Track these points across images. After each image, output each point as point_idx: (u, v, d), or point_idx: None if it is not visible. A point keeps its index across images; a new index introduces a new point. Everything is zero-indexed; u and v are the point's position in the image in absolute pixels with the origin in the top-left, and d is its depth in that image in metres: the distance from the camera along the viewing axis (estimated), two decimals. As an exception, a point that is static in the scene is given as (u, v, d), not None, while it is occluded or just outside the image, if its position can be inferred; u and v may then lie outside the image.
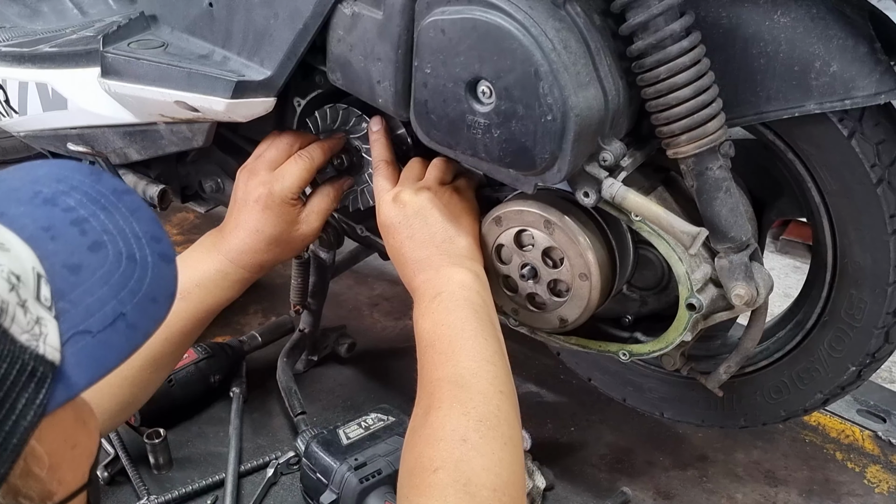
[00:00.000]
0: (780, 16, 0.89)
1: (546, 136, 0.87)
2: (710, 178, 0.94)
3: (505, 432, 0.84)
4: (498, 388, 0.88)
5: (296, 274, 1.55)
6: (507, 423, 0.86)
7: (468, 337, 0.92)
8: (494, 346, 0.93)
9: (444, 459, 0.80)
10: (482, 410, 0.84)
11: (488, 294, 1.01)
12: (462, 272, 1.00)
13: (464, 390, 0.86)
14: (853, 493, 1.36)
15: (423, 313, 0.97)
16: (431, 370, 0.91)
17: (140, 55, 1.12)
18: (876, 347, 1.06)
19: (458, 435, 0.82)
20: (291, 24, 1.02)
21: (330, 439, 1.24)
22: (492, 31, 0.85)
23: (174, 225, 2.23)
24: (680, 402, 1.30)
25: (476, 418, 0.83)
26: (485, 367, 0.89)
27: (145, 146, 1.30)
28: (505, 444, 0.83)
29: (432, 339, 0.94)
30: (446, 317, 0.95)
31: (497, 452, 0.82)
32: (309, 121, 1.17)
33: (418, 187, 1.06)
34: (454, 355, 0.91)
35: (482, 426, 0.83)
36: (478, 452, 0.81)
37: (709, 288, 1.01)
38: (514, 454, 0.84)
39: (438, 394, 0.87)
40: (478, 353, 0.91)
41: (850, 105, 0.89)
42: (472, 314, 0.95)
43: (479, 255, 1.06)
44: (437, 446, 0.82)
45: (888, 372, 2.18)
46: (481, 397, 0.86)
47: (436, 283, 0.99)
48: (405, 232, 1.04)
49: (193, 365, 1.50)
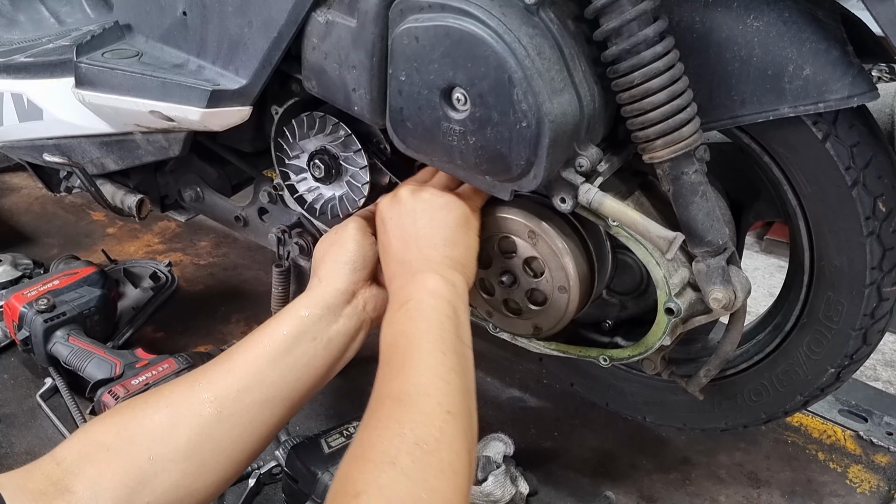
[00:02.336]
0: (754, 20, 0.89)
1: (521, 142, 0.87)
2: (685, 182, 0.94)
3: (444, 458, 0.76)
4: (446, 408, 0.80)
5: (276, 282, 1.54)
6: (448, 448, 0.77)
7: (425, 350, 0.85)
8: (452, 363, 0.85)
9: (367, 483, 0.72)
10: (420, 432, 0.76)
11: (463, 305, 0.95)
12: (437, 280, 0.94)
13: (405, 409, 0.79)
14: (835, 493, 1.36)
15: (389, 321, 0.92)
16: (381, 386, 0.84)
17: (114, 65, 1.11)
18: (854, 349, 1.06)
19: (387, 457, 0.74)
20: (266, 33, 1.01)
21: (312, 448, 1.23)
22: (465, 38, 0.85)
23: (156, 234, 2.22)
24: (661, 405, 1.30)
25: (412, 440, 0.75)
26: (435, 385, 0.82)
27: (122, 156, 1.29)
28: (442, 471, 0.75)
29: (390, 352, 0.88)
30: (407, 326, 0.89)
31: (430, 480, 0.73)
32: (286, 129, 1.17)
33: (418, 188, 1.02)
34: (404, 370, 0.84)
35: (417, 450, 0.75)
36: (407, 478, 0.72)
37: (687, 292, 1.01)
38: (451, 483, 0.75)
39: (379, 412, 0.80)
40: (430, 370, 0.83)
41: (823, 108, 0.89)
42: (436, 325, 0.88)
43: (467, 265, 1.00)
44: (363, 468, 0.75)
45: (872, 370, 2.19)
46: (422, 417, 0.78)
47: (409, 288, 0.94)
48: (395, 231, 1.00)
49: (174, 375, 1.48)
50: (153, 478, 0.84)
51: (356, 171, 1.15)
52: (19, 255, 1.97)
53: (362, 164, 1.14)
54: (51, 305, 1.56)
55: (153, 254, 2.11)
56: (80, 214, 2.33)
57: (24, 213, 2.34)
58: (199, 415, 0.88)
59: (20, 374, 1.62)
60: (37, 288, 1.61)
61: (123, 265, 1.91)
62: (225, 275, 2.03)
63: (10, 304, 1.59)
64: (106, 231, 2.24)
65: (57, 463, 0.82)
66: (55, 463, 0.82)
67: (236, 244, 2.16)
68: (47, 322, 1.53)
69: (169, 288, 1.89)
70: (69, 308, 1.58)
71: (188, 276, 2.01)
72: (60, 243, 2.16)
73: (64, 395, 1.50)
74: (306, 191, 1.23)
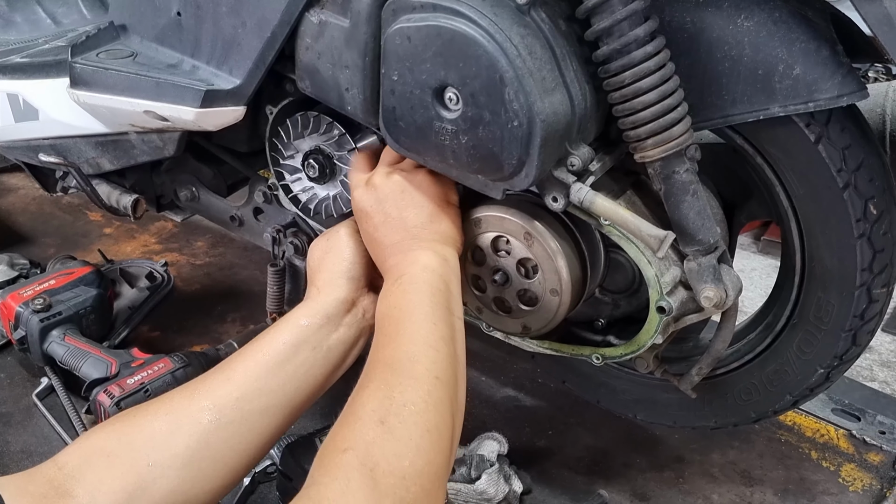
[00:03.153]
0: (744, 20, 0.89)
1: (513, 141, 0.87)
2: (677, 181, 0.95)
3: (431, 419, 0.79)
4: (434, 373, 0.83)
5: (272, 282, 1.54)
6: (435, 410, 0.81)
7: (416, 320, 0.89)
8: (443, 332, 0.89)
9: (355, 440, 0.76)
10: (409, 395, 0.80)
11: (455, 278, 0.98)
12: (428, 255, 0.97)
13: (395, 373, 0.83)
14: (828, 491, 1.37)
15: (384, 295, 0.95)
16: (375, 351, 0.88)
17: (109, 65, 1.12)
18: (844, 350, 1.07)
19: (376, 416, 0.77)
20: (259, 33, 1.02)
21: (306, 447, 1.23)
22: (457, 37, 0.85)
23: (152, 234, 2.22)
24: (653, 403, 1.30)
25: (400, 402, 0.79)
26: (425, 352, 0.85)
27: (117, 156, 1.30)
28: (428, 430, 0.78)
29: (383, 323, 0.91)
30: (400, 299, 0.92)
31: (415, 439, 0.77)
32: (281, 129, 1.17)
33: (391, 171, 1.03)
34: (397, 338, 0.87)
35: (404, 410, 0.78)
36: (393, 436, 0.76)
37: (678, 290, 1.02)
38: (436, 443, 0.78)
39: (371, 375, 0.84)
40: (421, 338, 0.87)
41: (813, 108, 0.90)
42: (427, 297, 0.91)
43: (455, 237, 1.02)
44: (352, 426, 0.78)
45: (868, 370, 2.19)
46: (412, 381, 0.82)
47: (401, 266, 0.96)
48: (378, 217, 1.01)
49: (170, 374, 1.48)
50: (152, 484, 0.84)
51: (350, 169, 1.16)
52: (16, 254, 1.97)
53: (356, 163, 1.15)
54: (47, 305, 1.56)
55: (150, 254, 2.12)
56: (77, 214, 2.33)
57: (21, 213, 2.34)
58: (198, 422, 0.89)
59: (16, 373, 1.63)
60: (33, 287, 1.61)
61: (120, 265, 1.91)
62: (221, 274, 2.03)
63: (6, 303, 1.59)
64: (103, 231, 2.24)
65: (59, 468, 0.83)
66: (57, 468, 0.83)
67: (232, 244, 2.17)
68: (43, 322, 1.54)
69: (165, 288, 1.89)
70: (65, 308, 1.58)
71: (184, 275, 2.02)
72: (57, 243, 2.17)
73: (60, 395, 1.51)
74: (301, 191, 1.24)
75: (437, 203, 1.02)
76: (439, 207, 1.02)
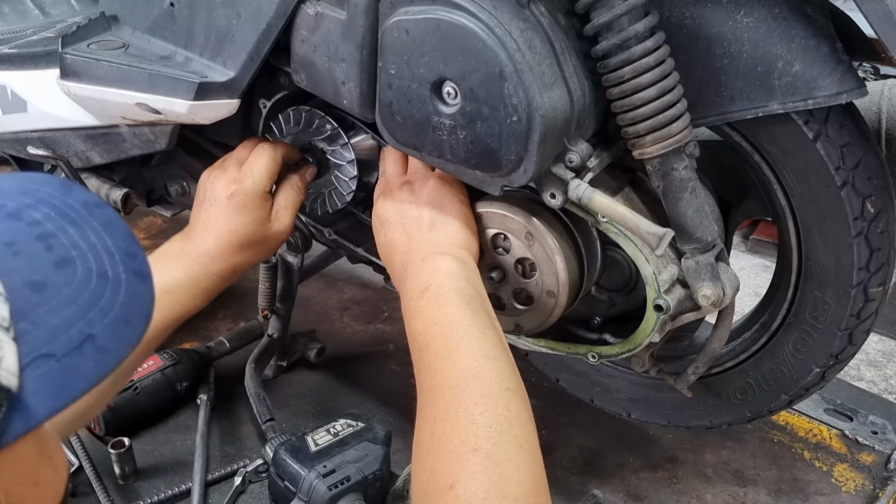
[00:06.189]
0: (744, 16, 0.89)
1: (511, 137, 0.86)
2: (675, 178, 0.94)
3: (518, 434, 0.78)
4: (503, 385, 0.82)
5: (264, 278, 1.53)
6: (518, 422, 0.79)
7: (464, 334, 0.86)
8: (493, 339, 0.87)
9: (457, 474, 0.74)
10: (490, 415, 0.78)
11: (479, 281, 0.96)
12: (448, 260, 0.95)
13: (466, 395, 0.80)
14: (821, 492, 1.37)
15: (414, 312, 0.92)
16: (430, 376, 0.85)
17: (100, 56, 1.10)
18: (839, 349, 1.06)
19: (468, 445, 0.76)
20: (254, 25, 1.00)
21: (298, 446, 1.22)
22: (455, 31, 0.84)
23: (141, 229, 2.20)
24: (647, 402, 1.30)
25: (485, 424, 0.77)
26: (486, 365, 0.83)
27: (108, 149, 1.27)
28: (520, 447, 0.77)
29: (426, 341, 0.88)
30: (437, 313, 0.89)
31: (513, 458, 0.75)
32: (273, 124, 1.16)
33: (405, 180, 1.04)
34: (451, 356, 0.84)
35: (492, 432, 0.77)
36: (492, 461, 0.74)
37: (676, 289, 1.01)
38: (531, 456, 0.77)
39: (441, 402, 0.81)
40: (476, 350, 0.84)
41: (812, 105, 0.89)
42: (464, 307, 0.89)
43: (470, 239, 1.01)
44: (447, 460, 0.76)
45: (856, 370, 2.20)
46: (486, 400, 0.79)
47: (422, 276, 0.94)
48: (398, 226, 1.01)
49: (160, 372, 1.47)
50: None
51: (343, 165, 1.14)
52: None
53: (349, 158, 1.14)
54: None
55: (138, 250, 2.09)
56: (65, 210, 2.30)
57: (8, 208, 2.31)
58: None
59: None
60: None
61: (108, 261, 1.89)
62: (211, 271, 2.01)
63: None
64: (91, 227, 2.22)
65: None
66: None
67: (222, 241, 2.14)
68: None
69: (154, 284, 1.87)
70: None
71: (174, 272, 1.99)
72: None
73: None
74: (294, 186, 1.22)
75: (448, 206, 1.02)
76: (451, 210, 1.02)
